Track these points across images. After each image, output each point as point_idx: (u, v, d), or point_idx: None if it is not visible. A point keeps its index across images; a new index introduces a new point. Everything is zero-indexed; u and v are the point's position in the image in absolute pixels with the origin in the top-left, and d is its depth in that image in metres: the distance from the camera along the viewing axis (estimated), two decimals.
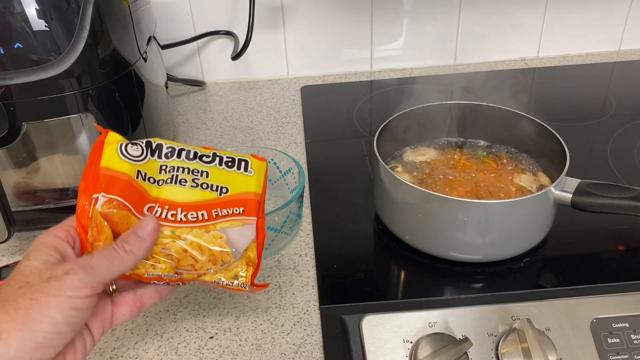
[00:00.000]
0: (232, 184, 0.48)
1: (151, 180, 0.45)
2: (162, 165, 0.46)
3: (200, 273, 0.45)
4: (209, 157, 0.48)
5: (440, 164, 0.66)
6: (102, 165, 0.44)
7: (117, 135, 0.46)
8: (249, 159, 0.49)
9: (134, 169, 0.45)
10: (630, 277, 0.56)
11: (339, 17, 1.00)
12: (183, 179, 0.46)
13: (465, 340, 0.49)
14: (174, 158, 0.47)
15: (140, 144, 0.46)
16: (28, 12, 0.55)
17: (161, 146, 0.47)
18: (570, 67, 1.04)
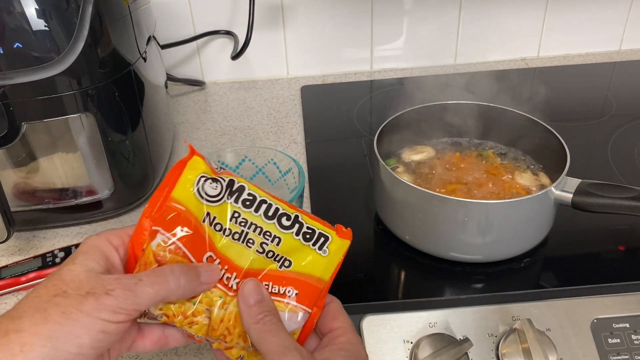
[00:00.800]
0: (298, 259, 0.42)
1: (217, 228, 0.41)
2: (236, 212, 0.42)
3: (229, 346, 0.41)
4: (289, 221, 0.42)
5: (441, 164, 0.66)
6: (173, 195, 0.40)
7: (202, 164, 0.42)
8: (330, 235, 0.43)
9: (203, 210, 0.41)
10: (631, 277, 0.56)
11: (339, 16, 1.00)
12: (251, 240, 0.42)
13: (465, 341, 0.49)
14: (251, 210, 0.42)
15: (222, 181, 0.42)
16: (27, 11, 0.55)
17: (242, 190, 0.42)
18: (570, 67, 1.04)
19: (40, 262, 0.63)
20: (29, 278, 0.62)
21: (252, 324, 0.39)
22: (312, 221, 0.43)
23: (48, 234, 0.71)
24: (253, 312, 0.39)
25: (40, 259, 0.64)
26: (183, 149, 0.86)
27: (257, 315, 0.39)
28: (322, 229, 0.43)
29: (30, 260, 0.64)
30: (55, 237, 0.70)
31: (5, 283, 0.61)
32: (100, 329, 0.34)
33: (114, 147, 0.66)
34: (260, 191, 0.43)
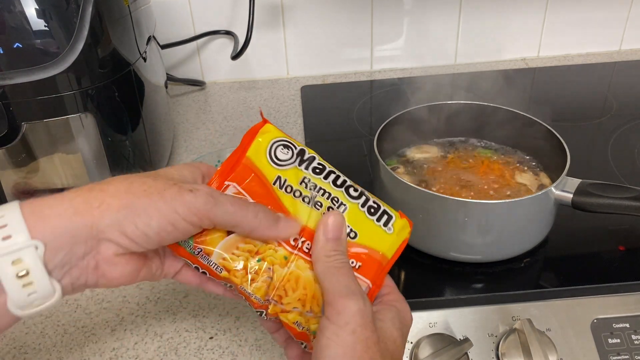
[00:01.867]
0: (364, 232, 0.42)
1: (288, 190, 0.42)
2: (305, 177, 0.42)
3: (285, 309, 0.40)
4: (357, 192, 0.43)
5: (441, 164, 0.66)
6: (248, 155, 0.42)
7: (274, 130, 0.44)
8: (394, 215, 0.43)
9: (275, 173, 0.42)
10: (631, 277, 0.56)
11: (339, 16, 1.00)
12: (319, 202, 0.42)
13: (465, 341, 0.49)
14: (320, 177, 0.42)
15: (293, 147, 0.43)
16: (27, 11, 0.55)
17: (312, 159, 0.43)
18: (570, 67, 1.04)
19: None
20: None
21: (323, 256, 0.38)
22: (377, 199, 0.44)
23: None
24: (328, 245, 0.38)
25: None
26: (183, 148, 0.86)
27: (331, 250, 0.38)
28: (386, 207, 0.43)
29: None
30: None
31: None
32: (171, 220, 0.35)
33: (114, 147, 0.66)
34: (328, 164, 0.44)
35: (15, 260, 0.32)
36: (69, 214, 0.34)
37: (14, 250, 0.31)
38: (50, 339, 0.57)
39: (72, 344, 0.56)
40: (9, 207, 0.33)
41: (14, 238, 0.32)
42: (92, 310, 0.60)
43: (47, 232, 0.33)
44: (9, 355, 0.55)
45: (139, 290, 0.62)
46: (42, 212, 0.33)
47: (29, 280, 0.32)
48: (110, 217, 0.34)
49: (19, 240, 0.32)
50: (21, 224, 0.32)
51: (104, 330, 0.57)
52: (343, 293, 0.36)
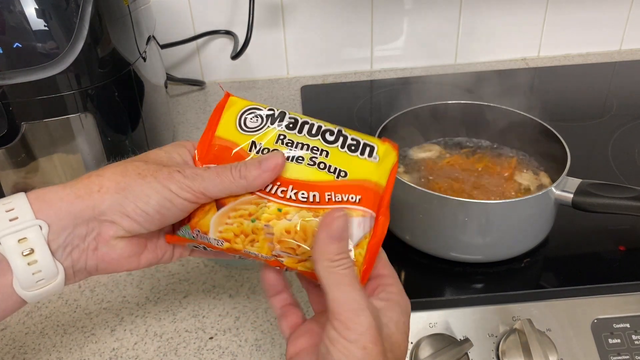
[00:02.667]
0: (352, 168, 0.42)
1: (265, 152, 0.42)
2: (280, 135, 0.42)
3: (300, 259, 0.40)
4: (333, 135, 0.42)
5: (440, 164, 0.66)
6: (217, 134, 0.42)
7: (239, 101, 0.44)
8: (375, 145, 0.43)
9: (248, 139, 0.42)
10: (631, 277, 0.56)
11: (339, 16, 1.00)
12: (300, 157, 0.42)
13: (465, 341, 0.49)
14: (294, 132, 0.42)
15: (261, 113, 0.43)
16: (27, 11, 0.55)
17: (283, 116, 0.43)
18: (571, 66, 1.04)
19: None
20: None
21: (326, 260, 0.36)
22: (356, 133, 0.43)
23: None
24: (332, 248, 0.36)
25: None
26: None
27: (335, 254, 0.36)
28: (365, 139, 0.43)
29: None
30: None
31: None
32: (168, 197, 0.37)
33: (113, 147, 0.66)
34: (301, 115, 0.43)
35: (21, 238, 0.34)
36: (71, 198, 0.36)
37: (19, 229, 0.34)
38: (50, 339, 0.57)
39: (72, 344, 0.56)
40: (16, 195, 0.36)
41: (20, 219, 0.34)
42: (92, 310, 0.60)
43: (51, 213, 0.35)
44: (9, 355, 0.55)
45: (139, 290, 0.62)
46: (46, 197, 0.36)
47: (34, 258, 0.34)
48: (110, 199, 0.37)
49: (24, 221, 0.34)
50: (27, 207, 0.35)
51: (104, 330, 0.57)
52: (352, 307, 0.35)
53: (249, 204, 0.40)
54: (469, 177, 0.64)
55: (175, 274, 0.64)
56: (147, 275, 0.64)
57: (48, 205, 0.35)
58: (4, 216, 0.34)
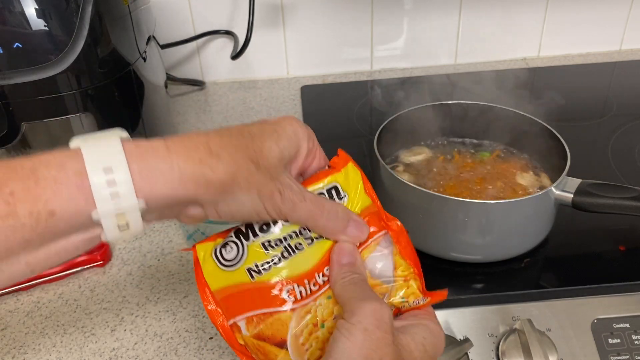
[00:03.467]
0: None
1: (266, 267, 0.39)
2: (264, 242, 0.39)
3: None
4: None
5: (441, 164, 0.66)
6: (213, 290, 0.39)
7: (204, 245, 0.40)
8: (336, 184, 0.41)
9: (243, 271, 0.39)
10: (631, 277, 0.56)
11: (339, 16, 1.00)
12: (297, 244, 0.39)
13: (465, 341, 0.49)
14: (270, 230, 0.39)
15: (231, 240, 0.40)
16: (27, 11, 0.55)
17: (250, 225, 0.40)
18: (571, 66, 1.04)
19: None
20: (29, 278, 0.62)
21: (340, 279, 0.38)
22: (315, 184, 0.41)
23: None
24: (343, 269, 0.39)
25: None
26: None
27: (346, 272, 0.38)
28: (326, 184, 0.41)
29: None
30: None
31: None
32: (258, 211, 0.37)
33: None
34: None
35: (119, 214, 0.33)
36: (175, 185, 0.34)
37: (120, 208, 0.33)
38: (50, 339, 0.57)
39: (72, 344, 0.56)
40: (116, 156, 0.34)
41: (121, 198, 0.33)
42: (92, 310, 0.60)
43: (152, 196, 0.34)
44: (9, 356, 0.55)
45: (139, 290, 0.62)
46: (151, 175, 0.34)
47: (127, 229, 0.34)
48: (211, 196, 0.36)
49: (126, 201, 0.33)
50: (129, 185, 0.33)
51: (104, 330, 0.57)
52: (359, 298, 0.36)
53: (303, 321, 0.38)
54: (469, 177, 0.64)
55: (175, 274, 0.64)
56: (147, 275, 0.64)
57: (151, 185, 0.34)
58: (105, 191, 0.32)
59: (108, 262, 0.66)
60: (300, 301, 0.38)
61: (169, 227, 0.71)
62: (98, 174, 0.33)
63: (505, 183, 0.62)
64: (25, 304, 0.61)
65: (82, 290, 0.62)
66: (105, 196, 0.33)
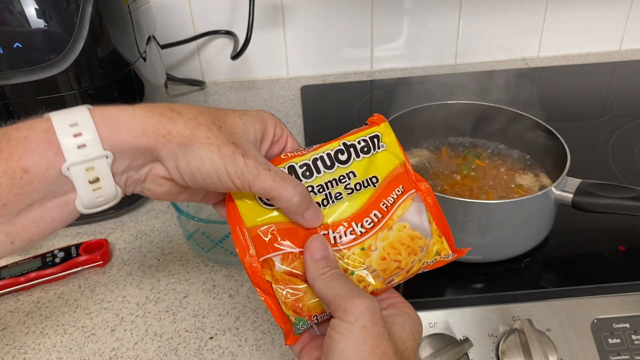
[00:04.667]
0: (377, 169, 0.43)
1: None
2: (308, 187, 0.41)
3: (407, 269, 0.42)
4: (344, 153, 0.43)
5: (441, 164, 0.66)
6: (248, 226, 0.41)
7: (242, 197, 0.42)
8: (376, 132, 0.43)
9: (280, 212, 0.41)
10: (631, 277, 0.56)
11: (339, 16, 1.00)
12: (337, 193, 0.42)
13: (465, 341, 0.49)
14: (315, 176, 0.42)
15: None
16: (27, 11, 0.55)
17: (294, 168, 0.42)
18: (571, 66, 1.04)
19: (39, 262, 0.63)
20: (29, 278, 0.62)
21: (318, 276, 0.39)
22: (353, 134, 0.44)
23: None
24: (319, 264, 0.39)
25: (40, 259, 0.64)
26: None
27: (323, 268, 0.39)
28: (365, 134, 0.43)
29: (30, 260, 0.64)
30: (55, 237, 0.70)
31: (5, 283, 0.61)
32: (219, 174, 0.38)
33: None
34: (306, 155, 0.42)
35: (89, 168, 0.35)
36: (138, 133, 0.36)
37: (88, 159, 0.35)
38: (50, 339, 0.57)
39: (72, 344, 0.56)
40: (82, 114, 0.36)
41: (88, 148, 0.35)
42: (92, 310, 0.60)
43: (117, 144, 0.36)
44: (9, 355, 0.55)
45: (139, 290, 0.62)
46: (114, 125, 0.36)
47: (99, 185, 0.36)
48: (170, 148, 0.37)
49: (93, 151, 0.35)
50: (94, 134, 0.35)
51: (104, 330, 0.57)
52: (348, 296, 0.36)
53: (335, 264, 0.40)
54: (468, 177, 0.64)
55: (175, 274, 0.64)
56: (147, 275, 0.64)
57: (115, 135, 0.36)
58: (72, 142, 0.34)
59: (108, 262, 0.66)
60: (335, 246, 0.40)
61: (169, 227, 0.71)
62: (64, 128, 0.35)
63: (505, 183, 0.62)
64: (25, 304, 0.61)
65: (82, 290, 0.62)
66: (73, 147, 0.34)
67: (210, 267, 0.64)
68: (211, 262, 0.65)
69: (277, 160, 0.42)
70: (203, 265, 0.64)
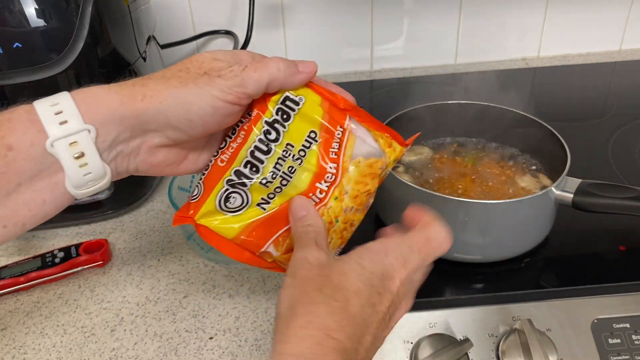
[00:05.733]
0: (309, 122, 0.43)
1: (272, 196, 0.43)
2: (262, 181, 0.42)
3: (380, 178, 0.45)
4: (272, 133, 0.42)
5: (441, 164, 0.66)
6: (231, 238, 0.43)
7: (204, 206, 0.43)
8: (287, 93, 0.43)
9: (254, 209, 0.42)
10: (632, 277, 0.56)
11: (339, 16, 1.00)
12: (290, 167, 0.42)
13: (465, 341, 0.49)
14: (261, 167, 0.42)
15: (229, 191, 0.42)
16: (27, 11, 0.55)
17: (239, 171, 0.42)
18: (571, 66, 1.04)
19: (39, 262, 0.63)
20: (29, 278, 0.62)
21: (294, 233, 0.41)
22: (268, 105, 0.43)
23: (48, 234, 0.71)
24: (298, 224, 0.41)
25: (40, 259, 0.64)
26: None
27: (300, 226, 0.41)
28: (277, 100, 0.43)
29: (30, 260, 0.64)
30: (55, 237, 0.70)
31: (5, 283, 0.61)
32: (210, 102, 0.38)
33: None
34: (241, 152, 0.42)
35: (72, 142, 0.35)
36: (116, 104, 0.37)
37: (70, 133, 0.35)
38: (50, 339, 0.57)
39: (72, 344, 0.56)
40: (62, 96, 0.36)
41: (70, 123, 0.35)
42: (92, 310, 0.60)
43: (98, 117, 0.36)
44: (9, 355, 0.55)
45: (139, 290, 0.62)
46: (92, 100, 0.37)
47: (84, 161, 0.36)
48: (154, 108, 0.37)
49: (74, 125, 0.35)
50: (74, 110, 0.36)
51: (104, 330, 0.57)
52: (296, 248, 0.39)
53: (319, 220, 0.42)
54: (469, 177, 0.64)
55: (175, 274, 0.64)
56: (147, 275, 0.64)
57: (95, 109, 0.36)
58: (53, 119, 0.35)
59: (108, 262, 0.66)
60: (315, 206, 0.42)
61: (168, 227, 0.71)
62: (46, 108, 0.36)
63: (505, 183, 0.62)
64: (25, 304, 0.61)
65: (82, 290, 0.62)
66: (54, 123, 0.35)
67: (210, 267, 0.64)
68: (211, 262, 0.65)
69: (219, 171, 0.43)
70: (203, 265, 0.64)
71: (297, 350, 0.32)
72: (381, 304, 0.36)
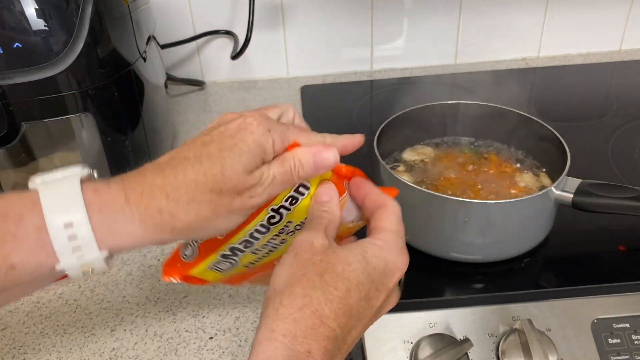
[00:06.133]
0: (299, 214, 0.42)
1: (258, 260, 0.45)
2: (254, 250, 0.43)
3: None
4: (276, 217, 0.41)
5: (441, 164, 0.66)
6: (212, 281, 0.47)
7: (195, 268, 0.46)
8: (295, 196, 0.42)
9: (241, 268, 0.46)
10: (632, 277, 0.56)
11: (339, 16, 1.00)
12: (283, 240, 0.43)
13: (465, 341, 0.49)
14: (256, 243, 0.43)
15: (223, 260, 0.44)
16: (27, 11, 0.55)
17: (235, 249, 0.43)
18: (571, 66, 1.04)
19: None
20: None
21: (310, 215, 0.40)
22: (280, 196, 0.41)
23: None
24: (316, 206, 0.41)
25: None
26: None
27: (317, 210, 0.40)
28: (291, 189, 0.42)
29: None
30: None
31: None
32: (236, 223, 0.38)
33: (113, 147, 0.66)
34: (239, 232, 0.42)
35: (84, 265, 0.34)
36: (139, 237, 0.34)
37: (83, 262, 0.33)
38: (50, 339, 0.57)
39: (72, 344, 0.56)
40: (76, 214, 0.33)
41: (83, 250, 0.33)
42: (92, 310, 0.60)
43: (115, 246, 0.34)
44: (9, 355, 0.55)
45: (139, 290, 0.62)
46: (112, 228, 0.34)
47: (89, 267, 0.34)
48: (176, 237, 0.37)
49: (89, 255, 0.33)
50: (90, 236, 0.33)
51: (104, 330, 0.57)
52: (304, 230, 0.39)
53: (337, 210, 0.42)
54: (469, 177, 0.64)
55: None
56: (147, 275, 0.64)
57: (113, 239, 0.34)
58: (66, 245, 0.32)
59: None
60: None
61: None
62: (58, 229, 0.32)
63: (505, 183, 0.62)
64: (25, 304, 0.61)
65: (82, 290, 0.62)
66: (68, 251, 0.32)
67: None
68: None
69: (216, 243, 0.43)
70: None
71: (290, 331, 0.32)
72: (377, 299, 0.36)
